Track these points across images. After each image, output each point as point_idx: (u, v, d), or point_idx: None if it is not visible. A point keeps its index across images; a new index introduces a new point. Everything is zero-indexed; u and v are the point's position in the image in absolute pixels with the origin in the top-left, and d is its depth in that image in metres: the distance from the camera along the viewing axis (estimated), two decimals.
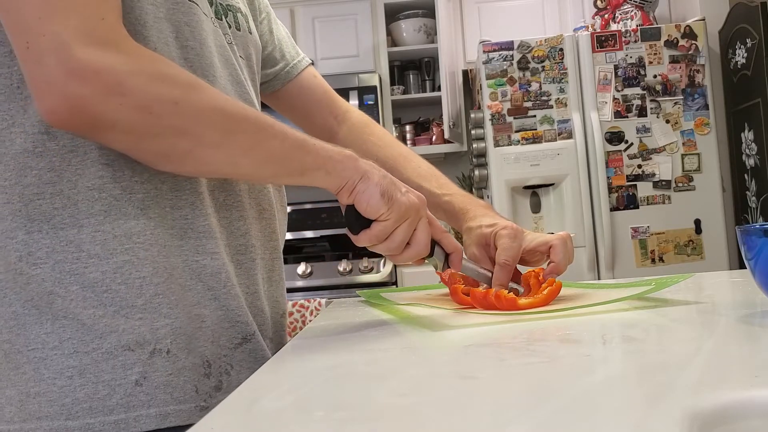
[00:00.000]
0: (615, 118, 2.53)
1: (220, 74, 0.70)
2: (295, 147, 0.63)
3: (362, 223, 0.67)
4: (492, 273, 0.81)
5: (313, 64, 0.99)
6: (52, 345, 0.59)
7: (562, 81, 2.55)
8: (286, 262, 2.78)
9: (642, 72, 2.53)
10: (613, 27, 2.85)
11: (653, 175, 2.53)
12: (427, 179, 0.91)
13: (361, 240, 0.67)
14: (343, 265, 2.71)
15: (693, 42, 2.53)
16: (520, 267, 0.85)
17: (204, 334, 0.65)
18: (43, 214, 0.60)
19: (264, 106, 0.96)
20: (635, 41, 2.54)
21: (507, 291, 0.74)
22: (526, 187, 2.58)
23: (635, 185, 2.53)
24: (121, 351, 0.60)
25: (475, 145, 2.66)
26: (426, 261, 0.73)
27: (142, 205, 0.62)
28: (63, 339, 0.59)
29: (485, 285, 0.82)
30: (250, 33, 0.81)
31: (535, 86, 2.55)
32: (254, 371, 0.68)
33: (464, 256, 0.79)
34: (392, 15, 3.24)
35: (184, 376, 0.62)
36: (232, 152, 0.59)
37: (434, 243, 0.72)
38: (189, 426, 0.61)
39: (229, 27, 0.76)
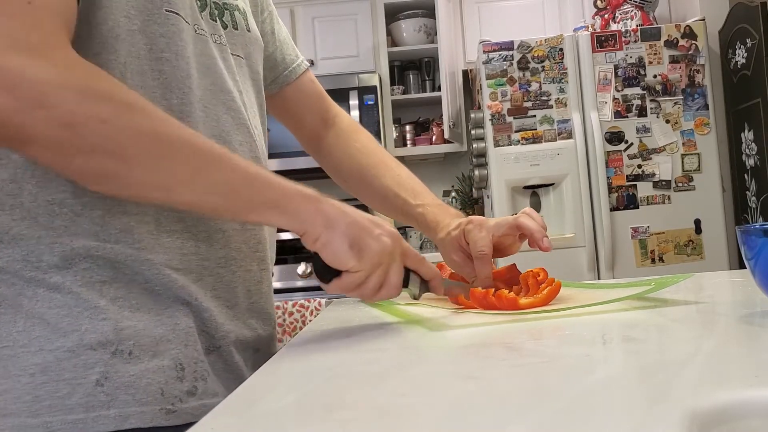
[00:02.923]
0: (615, 118, 2.53)
1: (196, 84, 0.68)
2: (245, 181, 0.59)
3: (332, 271, 0.62)
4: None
5: (313, 64, 0.99)
6: (21, 343, 0.59)
7: (562, 81, 2.55)
8: (286, 262, 2.79)
9: (642, 72, 2.53)
10: (613, 27, 2.85)
11: (653, 175, 2.53)
12: (404, 188, 0.92)
13: (332, 289, 0.63)
14: None
15: (693, 42, 2.53)
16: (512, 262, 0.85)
17: (177, 336, 0.64)
18: (2, 224, 0.60)
19: None
20: (635, 41, 2.54)
21: (508, 291, 0.74)
22: (526, 187, 2.58)
23: (635, 185, 2.53)
24: (83, 350, 0.59)
25: (475, 145, 2.66)
26: (403, 291, 0.69)
27: (101, 221, 0.61)
28: (32, 337, 0.59)
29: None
30: (249, 30, 0.80)
31: (535, 86, 2.55)
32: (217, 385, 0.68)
33: (445, 276, 0.77)
34: (392, 15, 3.24)
35: (147, 378, 0.61)
36: (165, 179, 0.56)
37: (409, 271, 0.70)
38: (152, 429, 0.60)
39: (225, 27, 0.75)
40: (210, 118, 0.70)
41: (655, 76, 2.53)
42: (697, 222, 2.51)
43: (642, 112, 2.53)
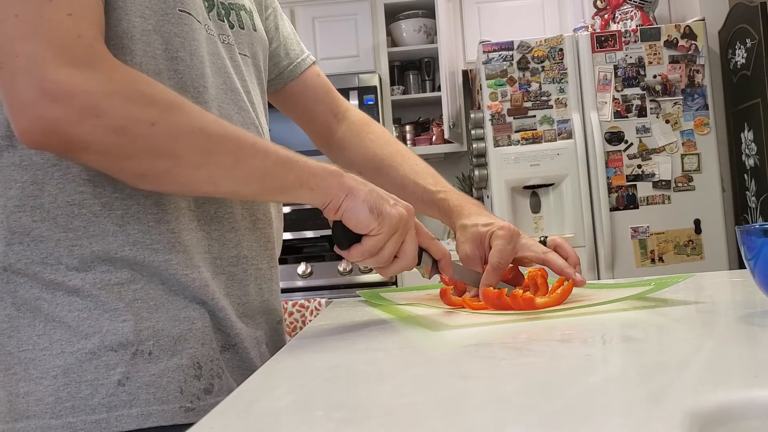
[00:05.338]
0: (615, 118, 2.53)
1: (210, 83, 0.69)
2: (277, 164, 0.62)
3: (351, 238, 0.65)
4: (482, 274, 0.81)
5: (315, 62, 0.99)
6: (42, 346, 0.60)
7: (562, 81, 2.55)
8: (286, 262, 2.79)
9: (642, 72, 2.53)
10: (613, 27, 2.85)
11: (653, 175, 2.53)
12: (422, 176, 0.92)
13: (353, 255, 0.66)
14: (343, 265, 2.70)
15: (693, 42, 2.53)
16: (521, 268, 0.85)
17: (194, 335, 0.65)
18: (22, 226, 0.61)
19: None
20: (635, 41, 2.54)
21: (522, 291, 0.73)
22: (526, 187, 2.58)
23: (635, 185, 2.53)
24: (104, 351, 0.60)
25: (475, 145, 2.66)
26: (415, 268, 0.72)
27: (121, 221, 0.62)
28: (53, 340, 0.60)
29: (474, 288, 0.81)
30: (255, 30, 0.80)
31: (534, 86, 2.55)
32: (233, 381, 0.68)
33: (455, 259, 0.78)
34: (392, 15, 3.24)
35: (167, 377, 0.62)
36: (211, 172, 0.59)
37: (421, 250, 0.71)
38: (173, 426, 0.61)
39: (232, 27, 0.76)
40: (224, 116, 0.70)
41: (654, 77, 2.53)
42: (697, 222, 2.51)
43: (642, 112, 2.53)
